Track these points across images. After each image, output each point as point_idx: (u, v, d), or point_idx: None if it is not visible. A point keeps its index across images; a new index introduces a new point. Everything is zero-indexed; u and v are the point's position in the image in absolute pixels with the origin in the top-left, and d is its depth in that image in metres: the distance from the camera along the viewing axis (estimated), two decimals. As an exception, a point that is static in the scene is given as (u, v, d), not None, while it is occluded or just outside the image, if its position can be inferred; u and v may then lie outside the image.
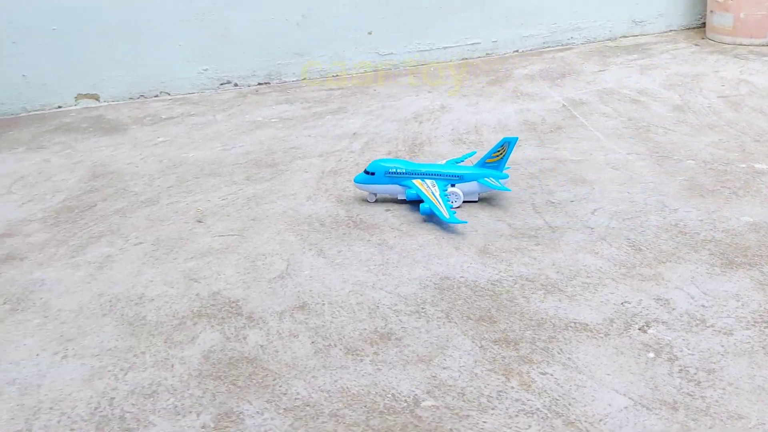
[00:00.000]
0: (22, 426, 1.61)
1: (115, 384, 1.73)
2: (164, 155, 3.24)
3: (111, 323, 1.98)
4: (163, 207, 2.69)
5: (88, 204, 2.77)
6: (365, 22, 4.32)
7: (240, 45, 4.19)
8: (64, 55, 3.98)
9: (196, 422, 1.59)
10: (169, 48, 4.10)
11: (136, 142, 3.43)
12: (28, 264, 2.34)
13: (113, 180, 2.99)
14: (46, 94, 4.02)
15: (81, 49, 3.99)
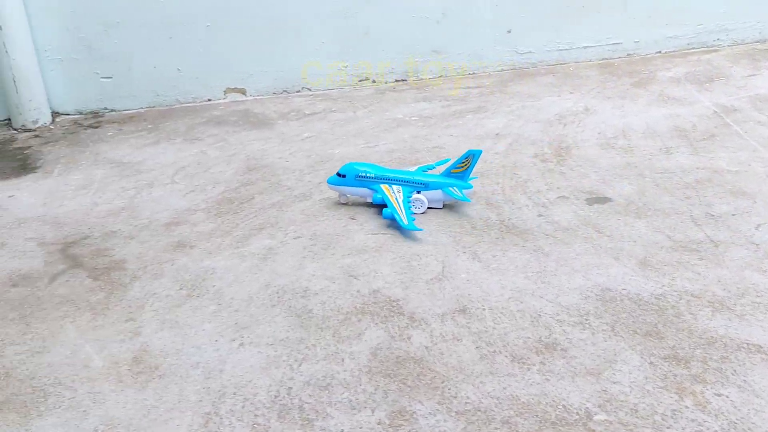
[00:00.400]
0: (210, 409, 1.73)
1: (291, 374, 1.82)
2: (311, 151, 3.35)
3: (281, 314, 2.08)
4: (316, 203, 2.79)
5: (246, 196, 2.91)
6: (505, 21, 4.30)
7: (379, 42, 4.26)
8: (216, 51, 4.18)
9: (371, 418, 1.65)
10: (312, 45, 4.22)
11: (284, 137, 3.57)
12: (198, 252, 2.49)
13: (267, 174, 3.12)
14: (197, 87, 4.24)
15: (231, 45, 4.18)
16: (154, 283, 2.31)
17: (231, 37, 4.16)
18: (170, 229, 2.68)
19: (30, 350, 2.01)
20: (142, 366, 1.90)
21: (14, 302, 2.26)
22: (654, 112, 3.47)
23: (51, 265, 2.48)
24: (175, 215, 2.80)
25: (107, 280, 2.35)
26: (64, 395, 1.82)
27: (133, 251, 2.53)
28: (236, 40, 4.17)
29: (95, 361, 1.94)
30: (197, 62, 4.19)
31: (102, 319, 2.14)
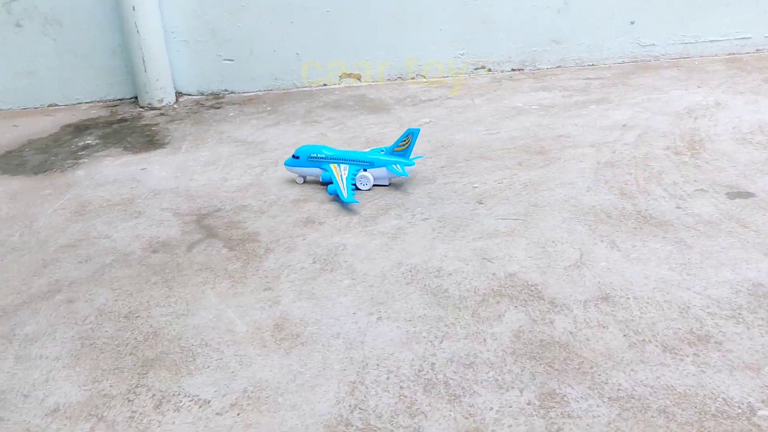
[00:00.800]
0: (354, 378, 1.74)
1: (432, 350, 1.82)
2: (431, 136, 3.34)
3: (416, 292, 2.08)
4: (441, 186, 2.78)
5: (370, 177, 2.92)
6: (628, 11, 4.18)
7: (498, 31, 4.21)
8: (333, 36, 4.23)
9: (520, 398, 1.63)
10: (431, 32, 4.22)
11: (401, 122, 3.57)
12: (327, 228, 2.52)
13: (388, 156, 3.13)
14: (314, 72, 4.30)
15: (348, 30, 4.22)
16: (288, 256, 2.35)
17: (349, 23, 4.20)
18: (298, 205, 2.73)
19: (175, 312, 2.08)
20: (284, 333, 1.94)
21: (156, 267, 2.35)
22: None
23: (188, 234, 2.56)
24: (302, 193, 2.84)
25: (242, 251, 2.41)
26: (212, 356, 1.87)
27: (264, 225, 2.58)
28: (354, 26, 4.20)
29: (238, 326, 1.99)
30: (315, 47, 4.25)
31: (241, 287, 2.19)
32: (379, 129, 3.50)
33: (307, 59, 4.28)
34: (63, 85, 4.31)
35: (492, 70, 4.30)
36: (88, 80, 4.30)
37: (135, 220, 2.72)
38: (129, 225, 2.68)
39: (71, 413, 1.70)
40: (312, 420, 1.61)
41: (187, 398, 1.72)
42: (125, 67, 4.24)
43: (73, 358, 1.91)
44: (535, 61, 4.29)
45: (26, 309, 2.16)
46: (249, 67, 4.27)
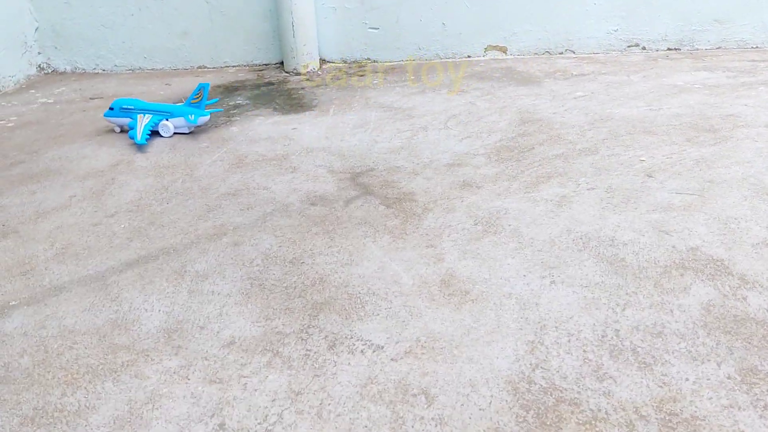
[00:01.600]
0: (533, 338, 1.67)
1: (615, 317, 1.72)
2: (587, 109, 3.21)
3: (589, 259, 1.98)
4: (605, 158, 2.66)
5: (525, 146, 2.83)
6: (804, -10, 3.87)
7: (656, 8, 4.00)
8: (481, 8, 4.14)
9: (717, 371, 1.51)
10: (583, 6, 4.06)
11: (554, 95, 3.45)
12: (486, 193, 2.45)
13: (543, 127, 3.03)
14: (458, 43, 4.23)
15: (497, 2, 4.12)
16: (448, 216, 2.30)
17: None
18: (452, 169, 2.67)
19: (339, 261, 2.07)
20: (452, 289, 1.89)
21: (315, 219, 2.35)
22: None
23: (344, 191, 2.55)
24: (455, 157, 2.78)
25: (400, 209, 2.38)
26: (380, 305, 1.84)
27: (419, 186, 2.55)
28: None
29: (404, 279, 1.95)
30: (462, 18, 4.17)
31: (402, 242, 2.16)
32: (531, 100, 3.39)
33: (453, 30, 4.21)
34: (213, 47, 4.44)
35: (646, 49, 4.09)
36: (237, 44, 4.41)
37: (291, 174, 2.74)
38: (285, 179, 2.70)
39: (247, 346, 1.71)
40: (491, 374, 1.55)
41: (360, 342, 1.70)
42: (273, 32, 4.31)
43: (243, 296, 1.93)
44: (694, 40, 4.05)
45: (195, 248, 2.21)
46: (394, 36, 4.25)
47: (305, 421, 1.46)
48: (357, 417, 1.46)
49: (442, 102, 3.49)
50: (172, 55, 4.52)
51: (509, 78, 3.80)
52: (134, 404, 1.54)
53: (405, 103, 3.54)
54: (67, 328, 1.83)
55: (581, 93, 3.44)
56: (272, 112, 3.56)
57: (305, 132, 3.21)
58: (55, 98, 4.12)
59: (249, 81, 4.17)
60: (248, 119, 3.46)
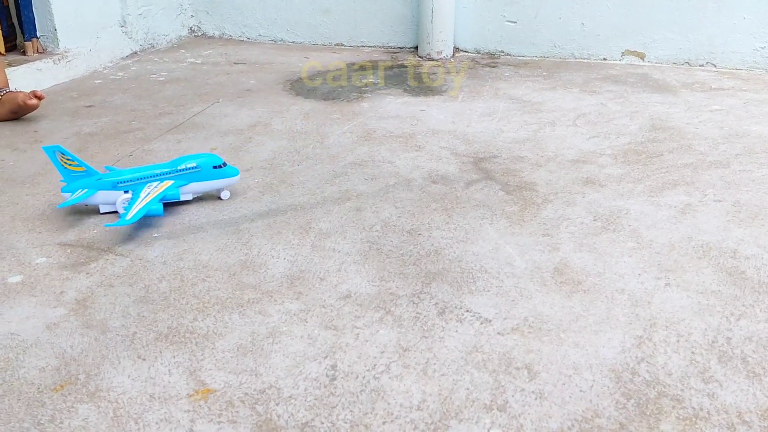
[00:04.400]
0: (641, 333, 1.68)
1: (728, 325, 1.70)
2: (723, 123, 3.12)
3: (708, 267, 1.96)
4: (736, 172, 2.59)
5: (654, 152, 2.80)
6: None
7: (812, 26, 3.81)
8: (622, 10, 4.08)
9: (833, 393, 1.48)
10: (731, 19, 3.92)
11: (689, 105, 3.37)
12: (608, 191, 2.45)
13: (674, 135, 2.98)
14: (595, 45, 4.19)
15: (640, 5, 4.04)
16: (567, 209, 2.32)
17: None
18: (577, 165, 2.68)
19: (454, 237, 2.14)
20: (564, 277, 1.92)
21: (435, 195, 2.43)
22: None
23: (465, 173, 2.62)
24: (581, 154, 2.79)
25: (519, 197, 2.42)
26: (492, 282, 1.90)
27: (541, 177, 2.57)
28: (647, 2, 4.02)
29: (517, 262, 2.00)
30: (601, 20, 4.13)
31: (518, 228, 2.20)
32: (665, 108, 3.33)
33: (592, 30, 4.17)
34: (352, 26, 4.59)
35: (795, 69, 3.91)
36: (375, 25, 4.54)
37: (415, 152, 2.83)
38: (410, 156, 2.79)
39: (362, 301, 1.81)
40: (596, 361, 1.58)
41: (468, 313, 1.77)
42: (412, 17, 4.41)
43: (361, 256, 2.03)
44: None
45: (320, 209, 2.34)
46: (531, 31, 4.26)
47: (411, 375, 1.54)
48: (460, 379, 1.53)
49: (572, 100, 3.48)
50: (312, 30, 4.71)
51: (644, 84, 3.73)
52: (256, 336, 1.67)
53: (534, 97, 3.55)
54: (202, 263, 2.00)
55: (718, 107, 3.34)
56: (402, 92, 3.66)
57: (433, 114, 3.29)
58: (203, 59, 4.40)
59: (383, 61, 4.30)
60: (379, 97, 3.58)
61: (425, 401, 1.47)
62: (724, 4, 3.90)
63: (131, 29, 4.47)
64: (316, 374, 1.54)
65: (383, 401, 1.46)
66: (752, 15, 3.88)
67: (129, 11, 4.41)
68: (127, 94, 3.69)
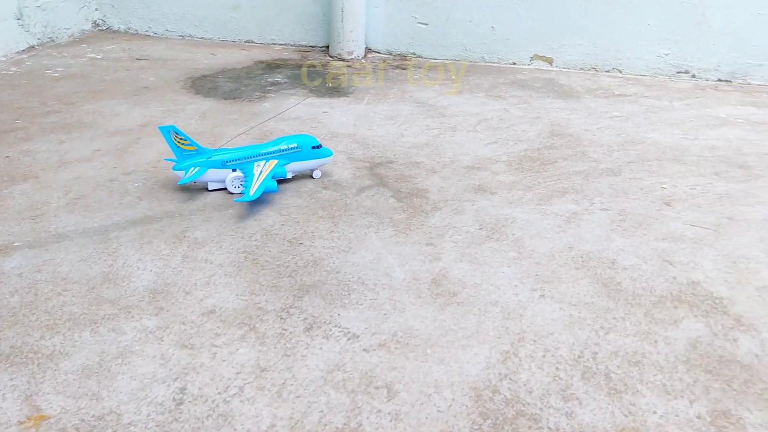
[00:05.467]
0: (509, 348, 1.65)
1: (596, 339, 1.69)
2: (621, 130, 3.14)
3: (585, 278, 1.95)
4: (626, 180, 2.60)
5: (549, 159, 2.79)
6: None
7: (712, 36, 3.89)
8: (532, 16, 4.09)
9: (689, 409, 1.47)
10: (637, 26, 3.97)
11: (590, 111, 3.39)
12: (498, 199, 2.42)
13: (571, 142, 2.98)
14: (505, 49, 4.19)
15: (550, 12, 4.06)
16: (455, 218, 2.28)
17: (551, 5, 4.04)
18: (471, 172, 2.65)
19: (336, 247, 2.08)
20: (441, 289, 1.88)
21: (324, 202, 2.36)
22: None
23: (359, 179, 2.56)
24: (477, 161, 2.76)
25: (409, 204, 2.37)
26: (367, 295, 1.84)
27: (434, 184, 2.53)
28: (556, 8, 4.04)
29: (396, 273, 1.95)
30: (512, 24, 4.13)
31: (403, 237, 2.15)
32: (566, 114, 3.34)
33: (502, 34, 4.17)
34: (262, 23, 4.48)
35: (696, 77, 3.99)
36: (285, 23, 4.44)
37: (310, 156, 2.75)
38: (304, 160, 2.71)
39: (226, 317, 1.73)
40: (459, 378, 1.54)
41: (337, 328, 1.70)
42: (323, 15, 4.33)
43: (235, 268, 1.95)
44: (747, 74, 3.93)
45: (200, 216, 2.24)
46: (442, 34, 4.23)
47: (264, 397, 1.47)
48: (315, 401, 1.47)
49: (477, 105, 3.47)
50: (222, 26, 4.57)
51: (549, 89, 3.75)
52: (105, 357, 1.57)
53: (440, 101, 3.52)
54: (60, 275, 1.88)
55: (618, 113, 3.37)
56: (308, 93, 3.58)
57: (335, 117, 3.22)
58: (104, 55, 4.22)
59: (292, 60, 4.20)
60: (283, 97, 3.49)
61: (274, 426, 1.39)
62: (630, 11, 3.95)
63: (28, 22, 4.26)
64: (163, 398, 1.45)
65: (229, 427, 1.39)
66: (657, 22, 3.94)
67: (26, 3, 4.20)
68: (16, 90, 3.50)
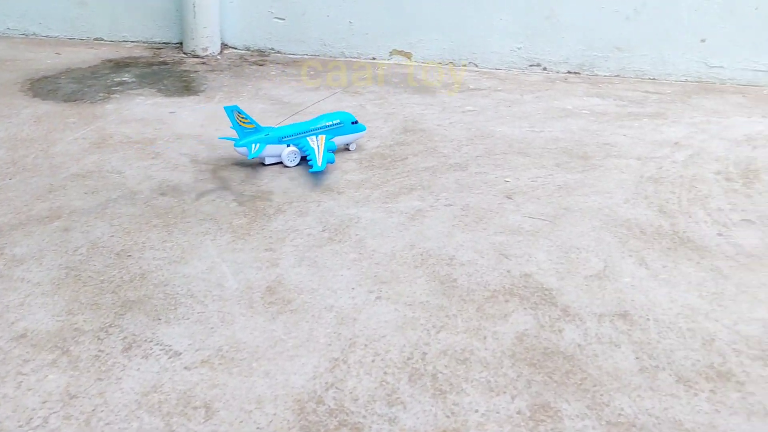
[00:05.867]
0: (338, 355, 1.62)
1: (427, 339, 1.68)
2: (471, 124, 3.19)
3: (423, 276, 1.95)
4: (472, 175, 2.64)
5: (400, 155, 2.80)
6: (700, 28, 3.95)
7: (560, 30, 4.03)
8: (388, 11, 4.09)
9: (510, 405, 1.49)
10: (489, 21, 4.05)
11: (444, 106, 3.43)
12: (345, 199, 2.39)
13: (423, 138, 3.00)
14: (364, 44, 4.18)
15: (406, 6, 4.08)
16: (298, 220, 2.23)
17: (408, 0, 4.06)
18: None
19: (168, 258, 1.98)
20: (275, 297, 1.82)
21: (160, 210, 2.26)
22: None
23: (200, 183, 2.46)
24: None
25: (252, 207, 2.30)
26: (195, 308, 1.76)
27: (281, 185, 2.47)
28: (413, 3, 4.06)
29: (229, 282, 1.88)
30: (370, 19, 4.12)
31: (242, 243, 2.08)
32: (420, 109, 3.36)
33: (360, 29, 4.15)
34: (112, 20, 4.27)
35: (547, 70, 4.12)
36: (136, 19, 4.25)
37: (151, 160, 2.63)
38: (144, 164, 2.59)
39: (38, 341, 1.61)
40: (283, 391, 1.49)
41: (158, 346, 1.62)
42: (175, 11, 4.17)
43: (54, 286, 1.82)
44: (594, 66, 4.09)
45: (21, 230, 2.08)
46: (299, 29, 4.17)
47: (70, 427, 1.37)
48: (127, 427, 1.38)
49: (333, 102, 3.43)
50: (68, 24, 4.32)
51: (406, 85, 3.76)
52: None
53: (296, 98, 3.46)
54: None
55: (471, 107, 3.42)
56: (156, 93, 3.43)
57: (182, 117, 3.10)
58: (-69, 55, 3.88)
59: (143, 58, 4.02)
60: (128, 98, 3.32)
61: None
62: (482, 6, 4.02)
63: None
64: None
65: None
66: (509, 16, 4.04)
67: None
68: None
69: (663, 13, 3.93)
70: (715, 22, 3.92)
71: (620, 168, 2.76)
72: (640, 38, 4.00)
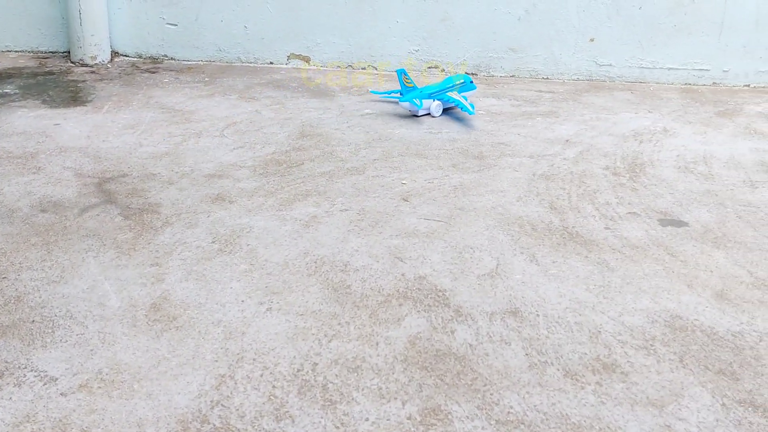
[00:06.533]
0: (225, 371, 1.57)
1: (318, 349, 1.65)
2: (370, 127, 3.19)
3: (316, 284, 1.92)
4: (369, 178, 2.63)
5: (296, 161, 2.76)
6: (589, 28, 4.08)
7: (456, 31, 4.08)
8: (285, 13, 4.05)
9: (401, 411, 1.47)
10: (386, 23, 4.07)
11: (343, 110, 3.41)
12: (237, 208, 2.34)
13: (320, 142, 2.97)
14: (261, 48, 4.12)
15: (302, 10, 4.04)
16: (187, 232, 2.16)
17: (299, 3, 4.02)
18: (212, 180, 2.54)
19: (47, 278, 1.88)
20: (160, 314, 1.75)
21: (40, 228, 2.14)
22: (739, 144, 3.22)
23: (84, 197, 2.35)
24: (219, 168, 2.65)
25: (138, 221, 2.21)
26: (73, 330, 1.68)
27: (169, 197, 2.39)
28: (309, 6, 4.03)
29: (112, 301, 1.80)
30: (265, 23, 4.07)
31: (126, 259, 2.00)
32: (318, 114, 3.33)
33: (256, 34, 4.08)
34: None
35: (445, 71, 4.16)
36: (20, 27, 4.05)
37: (32, 175, 2.50)
38: (23, 180, 2.46)
39: None
40: (165, 413, 1.43)
41: (32, 373, 1.52)
42: (61, 18, 4.00)
43: None
44: (490, 67, 4.17)
45: None
46: (193, 35, 4.07)
47: (-72, 469, 1.27)
48: (-8, 464, 1.29)
49: (227, 108, 3.35)
50: (-58, 32, 4.07)
51: (304, 89, 3.72)
52: None
53: (189, 105, 3.36)
54: None
55: (369, 110, 3.42)
56: (40, 104, 3.27)
57: (67, 129, 2.96)
58: None
59: (27, 68, 3.83)
60: (9, 110, 3.16)
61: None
62: (378, 9, 4.03)
63: None
64: None
65: None
66: (404, 19, 4.06)
67: None
68: None
69: (553, 14, 4.04)
70: (602, 21, 4.06)
71: (514, 167, 2.81)
72: (532, 39, 4.10)
